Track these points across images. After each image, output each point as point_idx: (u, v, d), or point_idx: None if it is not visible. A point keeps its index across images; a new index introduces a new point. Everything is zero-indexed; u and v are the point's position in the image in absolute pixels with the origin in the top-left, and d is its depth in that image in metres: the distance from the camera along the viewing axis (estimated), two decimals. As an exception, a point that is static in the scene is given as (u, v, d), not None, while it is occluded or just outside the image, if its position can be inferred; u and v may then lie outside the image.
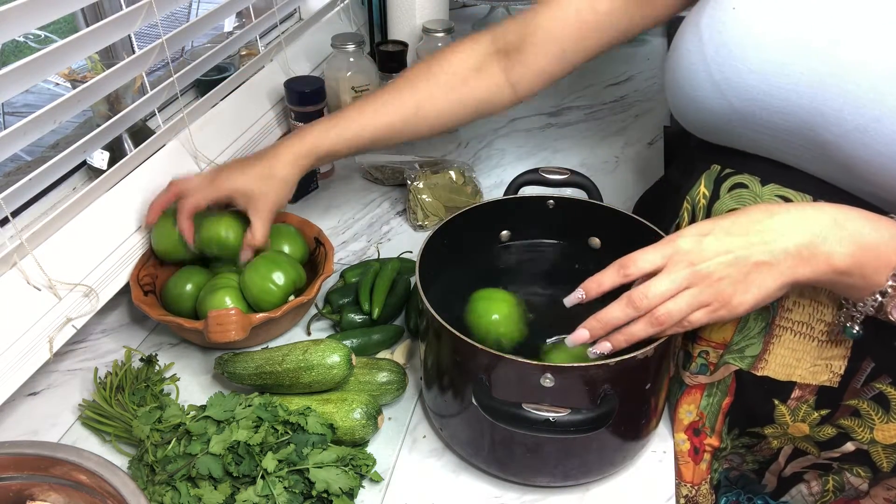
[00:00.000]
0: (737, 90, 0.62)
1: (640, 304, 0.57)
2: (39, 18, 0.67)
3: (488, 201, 0.79)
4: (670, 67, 0.68)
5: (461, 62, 0.82)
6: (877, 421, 0.65)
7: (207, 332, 0.73)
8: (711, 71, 0.63)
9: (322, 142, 0.80)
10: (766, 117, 0.61)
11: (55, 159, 0.72)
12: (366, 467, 0.67)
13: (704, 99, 0.64)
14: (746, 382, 0.68)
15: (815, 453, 0.70)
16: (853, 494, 0.70)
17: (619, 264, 0.58)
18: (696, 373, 0.71)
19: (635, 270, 0.58)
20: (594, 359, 0.60)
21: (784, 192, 0.64)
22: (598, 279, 0.59)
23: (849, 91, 0.56)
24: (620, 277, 0.58)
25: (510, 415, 0.58)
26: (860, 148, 0.56)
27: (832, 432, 0.67)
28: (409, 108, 0.82)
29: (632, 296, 0.57)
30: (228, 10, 0.99)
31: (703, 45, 0.63)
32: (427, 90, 0.82)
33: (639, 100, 1.33)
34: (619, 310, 0.58)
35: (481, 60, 0.82)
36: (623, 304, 0.58)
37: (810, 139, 0.60)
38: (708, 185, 0.69)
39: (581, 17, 0.77)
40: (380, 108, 0.82)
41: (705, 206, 0.69)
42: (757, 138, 0.64)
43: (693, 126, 0.70)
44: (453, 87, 0.82)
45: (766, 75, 0.60)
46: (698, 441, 0.72)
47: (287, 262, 0.81)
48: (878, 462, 0.67)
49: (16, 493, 0.56)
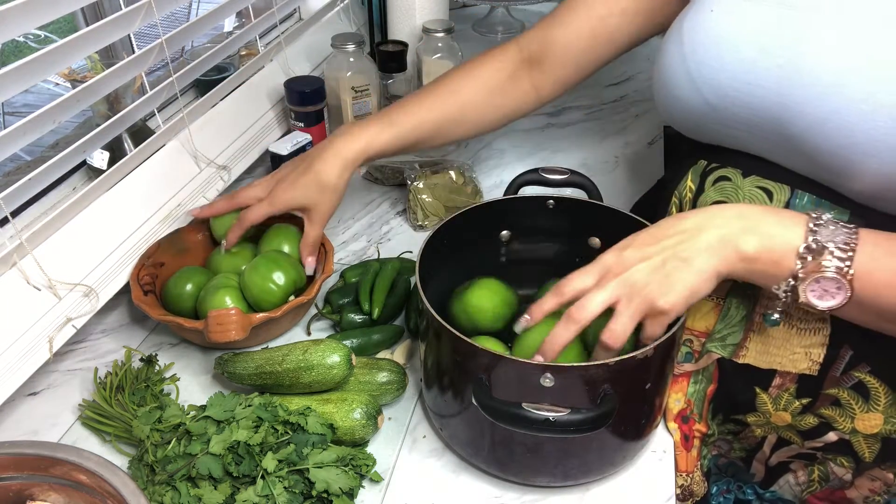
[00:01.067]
0: (711, 87, 0.65)
1: (578, 318, 0.60)
2: (39, 18, 0.67)
3: (488, 201, 0.79)
4: (656, 69, 0.72)
5: (497, 71, 0.86)
6: (857, 410, 0.66)
7: (207, 332, 0.73)
8: (689, 70, 0.66)
9: (372, 146, 0.82)
10: (740, 113, 0.65)
11: (55, 159, 0.72)
12: (366, 467, 0.67)
13: (685, 97, 0.68)
14: (728, 370, 0.70)
15: (798, 443, 0.71)
16: (838, 485, 0.71)
17: (556, 289, 0.62)
18: (681, 361, 0.72)
19: (570, 291, 0.61)
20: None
21: (764, 183, 0.67)
22: (540, 305, 0.63)
23: (808, 85, 0.59)
24: (559, 299, 0.62)
25: (510, 415, 0.58)
26: (822, 140, 0.59)
27: (814, 422, 0.69)
28: (453, 110, 0.85)
29: (570, 312, 0.60)
30: (228, 10, 0.99)
31: (683, 45, 0.67)
32: (469, 95, 0.86)
33: (639, 100, 1.33)
34: (562, 328, 0.60)
35: (513, 69, 0.87)
36: (564, 323, 0.60)
37: (780, 133, 0.63)
38: (694, 179, 0.72)
39: (593, 30, 0.82)
40: (425, 110, 0.85)
41: (691, 200, 0.72)
42: (733, 134, 0.67)
43: (677, 123, 0.73)
44: (493, 93, 0.86)
45: (737, 73, 0.63)
46: (687, 428, 0.73)
47: (287, 262, 0.81)
48: (861, 452, 0.68)
49: (16, 493, 0.56)
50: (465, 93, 0.86)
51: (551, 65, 0.85)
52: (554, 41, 0.84)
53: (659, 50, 0.72)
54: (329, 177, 0.80)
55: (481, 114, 0.87)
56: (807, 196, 0.65)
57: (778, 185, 0.66)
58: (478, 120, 0.87)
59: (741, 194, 0.68)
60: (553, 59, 0.84)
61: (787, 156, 0.65)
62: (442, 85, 0.86)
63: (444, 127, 0.85)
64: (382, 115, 0.84)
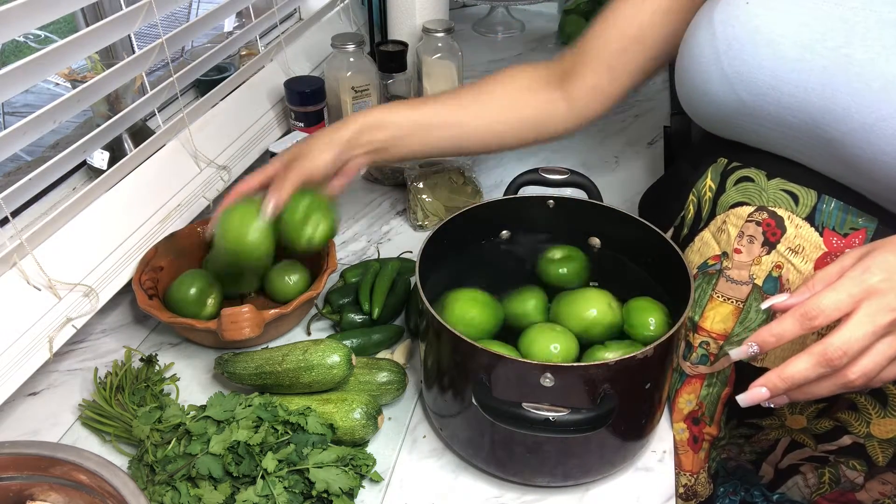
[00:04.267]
0: (747, 85, 0.62)
1: (838, 363, 0.50)
2: (39, 18, 0.67)
3: (488, 201, 0.79)
4: (682, 60, 0.69)
5: (520, 81, 0.83)
6: (874, 415, 0.66)
7: (221, 331, 0.74)
8: (723, 65, 0.63)
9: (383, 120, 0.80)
10: (775, 112, 0.62)
11: (55, 159, 0.72)
12: (366, 467, 0.67)
13: (715, 92, 0.65)
14: (746, 373, 0.69)
15: (811, 446, 0.71)
16: (849, 487, 0.71)
17: (803, 315, 0.51)
18: (696, 363, 0.71)
19: (824, 320, 0.51)
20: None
21: (790, 186, 0.65)
22: (778, 332, 0.52)
23: (857, 90, 0.57)
24: (804, 329, 0.52)
25: (510, 415, 0.58)
26: (865, 146, 0.57)
27: (829, 425, 0.68)
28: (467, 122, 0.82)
29: (828, 352, 0.50)
30: (228, 10, 0.99)
31: (716, 39, 0.64)
32: (485, 106, 0.82)
33: (639, 100, 1.33)
34: (809, 367, 0.51)
35: (544, 81, 0.83)
36: (816, 361, 0.51)
37: (817, 136, 0.61)
38: (714, 178, 0.70)
39: (622, 31, 0.78)
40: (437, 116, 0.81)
41: (711, 199, 0.70)
42: (765, 133, 0.65)
43: (702, 119, 0.70)
44: (511, 107, 0.83)
45: (777, 71, 0.61)
46: (697, 430, 0.73)
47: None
48: (874, 456, 0.68)
49: (16, 493, 0.56)
50: (483, 100, 0.83)
51: (582, 72, 0.81)
52: (585, 51, 0.81)
53: (684, 42, 0.69)
54: (341, 133, 0.77)
55: (497, 123, 0.83)
56: (834, 202, 0.63)
57: (804, 189, 0.64)
58: (496, 130, 0.83)
59: (765, 197, 0.66)
60: (584, 67, 0.81)
61: (820, 159, 0.62)
62: (458, 95, 0.84)
63: (458, 136, 0.82)
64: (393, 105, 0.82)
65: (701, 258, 0.71)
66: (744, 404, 0.54)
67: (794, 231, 0.65)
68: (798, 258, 0.65)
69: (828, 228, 0.64)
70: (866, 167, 0.58)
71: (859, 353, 0.50)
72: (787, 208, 0.65)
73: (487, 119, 0.83)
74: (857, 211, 0.62)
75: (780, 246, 0.65)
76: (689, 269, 0.66)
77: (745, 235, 0.67)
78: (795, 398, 0.54)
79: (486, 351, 0.60)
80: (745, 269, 0.67)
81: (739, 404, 0.55)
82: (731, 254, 0.68)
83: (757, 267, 0.67)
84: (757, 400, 0.54)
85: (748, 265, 0.67)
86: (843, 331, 0.50)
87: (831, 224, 0.64)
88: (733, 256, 0.68)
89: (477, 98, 0.83)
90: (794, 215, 0.65)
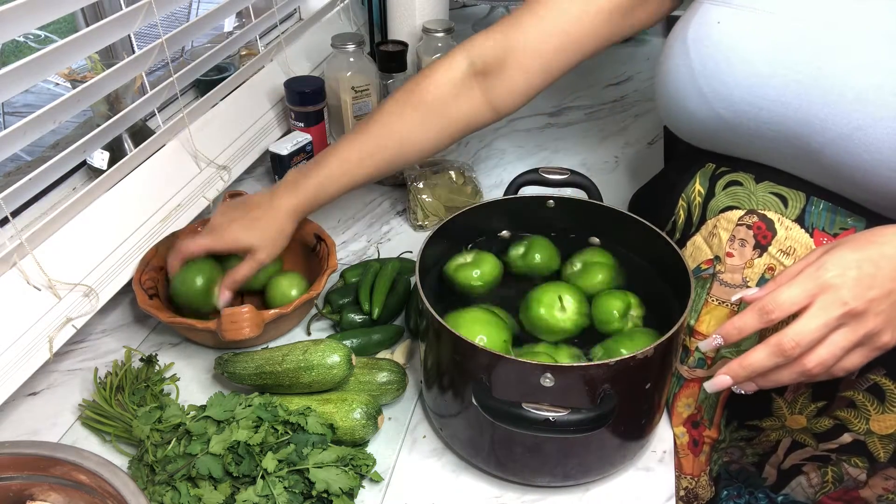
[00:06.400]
0: (724, 102, 0.64)
1: (791, 353, 0.53)
2: (39, 18, 0.67)
3: (488, 201, 0.79)
4: (660, 78, 0.70)
5: (439, 89, 0.80)
6: (872, 412, 0.66)
7: (221, 331, 0.74)
8: (699, 83, 0.65)
9: (319, 196, 0.81)
10: (754, 127, 0.64)
11: (55, 159, 0.72)
12: (366, 467, 0.67)
13: (694, 110, 0.66)
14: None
15: (812, 445, 0.71)
16: (852, 485, 0.71)
17: (761, 309, 0.54)
18: (694, 366, 0.72)
19: (780, 314, 0.54)
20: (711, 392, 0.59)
21: (778, 189, 0.66)
22: (740, 325, 0.55)
23: (832, 102, 0.58)
24: (763, 323, 0.55)
25: (510, 415, 0.58)
26: (845, 155, 0.59)
27: (829, 424, 0.68)
28: (393, 144, 0.81)
29: (782, 342, 0.53)
30: (228, 10, 0.99)
31: (690, 58, 0.65)
32: (410, 123, 0.80)
33: (639, 100, 1.33)
34: (766, 356, 0.54)
35: (459, 85, 0.80)
36: (771, 352, 0.54)
37: (798, 147, 0.62)
38: (703, 182, 0.71)
39: (566, 32, 0.76)
40: (366, 154, 0.81)
41: (700, 204, 0.71)
42: (747, 145, 0.66)
43: (685, 134, 0.72)
44: (436, 115, 0.81)
45: (753, 87, 0.62)
46: (697, 433, 0.73)
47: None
48: (875, 453, 0.68)
49: (16, 493, 0.56)
50: (407, 120, 0.80)
51: (513, 75, 0.78)
52: (516, 46, 0.77)
53: (660, 62, 0.70)
54: (280, 225, 0.80)
55: (424, 139, 0.82)
56: (822, 203, 0.64)
57: (793, 191, 0.65)
58: (420, 147, 0.82)
59: (755, 200, 0.67)
60: (515, 68, 0.78)
61: (804, 167, 0.64)
62: (376, 121, 0.81)
63: (388, 163, 0.82)
64: (326, 161, 0.81)
65: (694, 263, 0.71)
66: (710, 390, 0.58)
67: (785, 233, 0.66)
68: (790, 260, 0.65)
69: (817, 229, 0.65)
70: (848, 174, 0.59)
71: (812, 344, 0.53)
72: (776, 211, 0.66)
73: (416, 150, 0.83)
74: (845, 211, 0.63)
75: (772, 248, 0.66)
76: (689, 268, 0.66)
77: (737, 239, 0.68)
78: (762, 385, 0.57)
79: (486, 351, 0.60)
80: (738, 273, 0.68)
81: (707, 390, 0.59)
82: (724, 258, 0.69)
83: (750, 270, 0.67)
84: (721, 386, 0.57)
85: (741, 268, 0.68)
86: (797, 324, 0.53)
87: (821, 225, 0.65)
88: (726, 260, 0.68)
89: (385, 139, 0.81)
90: (783, 217, 0.66)
